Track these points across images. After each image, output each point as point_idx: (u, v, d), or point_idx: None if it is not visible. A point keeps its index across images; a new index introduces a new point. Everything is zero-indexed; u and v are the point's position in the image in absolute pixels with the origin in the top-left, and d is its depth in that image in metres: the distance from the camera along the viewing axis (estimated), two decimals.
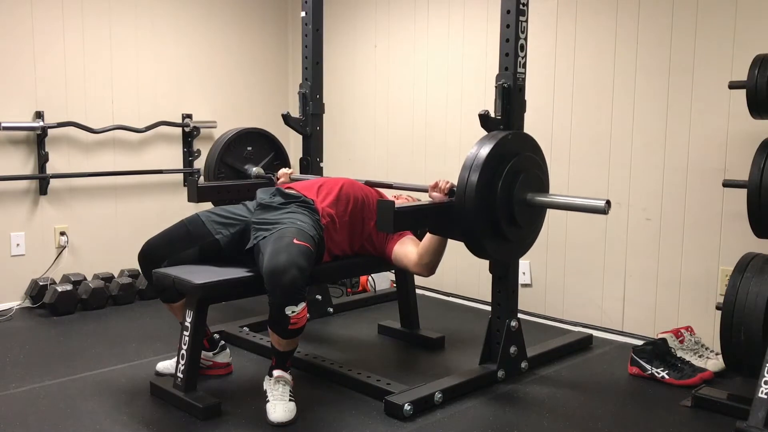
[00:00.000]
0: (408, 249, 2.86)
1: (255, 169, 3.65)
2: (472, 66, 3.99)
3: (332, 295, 3.98)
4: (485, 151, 2.49)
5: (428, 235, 2.72)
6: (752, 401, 2.32)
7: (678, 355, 2.95)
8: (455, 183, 2.57)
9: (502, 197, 2.52)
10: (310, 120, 3.64)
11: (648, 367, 2.91)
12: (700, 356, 2.98)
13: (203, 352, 2.82)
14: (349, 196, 2.91)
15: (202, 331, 2.65)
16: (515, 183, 2.55)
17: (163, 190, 4.45)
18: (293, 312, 2.38)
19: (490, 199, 2.50)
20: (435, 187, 2.69)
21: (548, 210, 3.66)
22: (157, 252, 2.76)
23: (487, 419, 2.53)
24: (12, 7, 3.79)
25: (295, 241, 2.52)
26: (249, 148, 3.69)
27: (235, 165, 3.63)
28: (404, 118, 4.37)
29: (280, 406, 2.46)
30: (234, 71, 4.75)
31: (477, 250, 2.59)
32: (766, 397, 2.30)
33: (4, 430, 2.39)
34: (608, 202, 2.41)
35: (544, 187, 2.71)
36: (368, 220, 2.93)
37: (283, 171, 3.45)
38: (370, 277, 4.31)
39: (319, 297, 3.78)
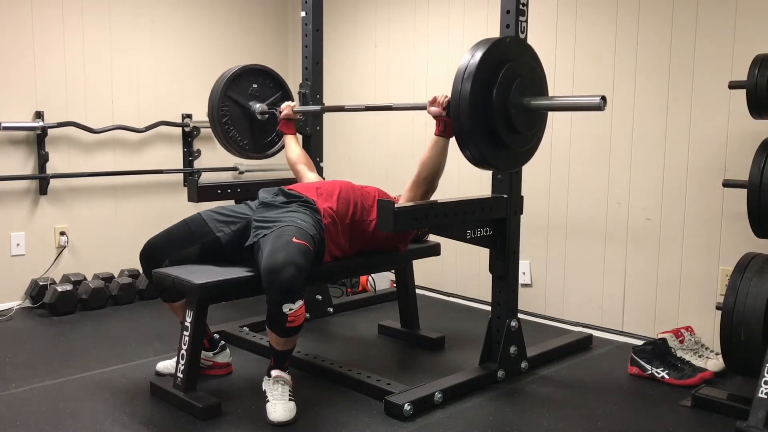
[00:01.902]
0: (406, 187, 2.82)
1: (259, 106, 3.59)
2: None
3: (332, 295, 3.99)
4: (478, 56, 2.39)
5: (427, 149, 2.72)
6: (752, 401, 2.33)
7: (678, 355, 2.95)
8: None
9: (498, 103, 2.42)
10: (310, 120, 3.64)
11: (648, 367, 2.91)
12: (700, 356, 2.98)
13: (203, 352, 2.83)
14: (349, 199, 2.91)
15: (202, 331, 2.65)
16: (511, 88, 2.44)
17: (163, 190, 4.45)
18: (290, 310, 2.38)
19: (485, 106, 2.40)
20: (433, 102, 2.68)
21: (548, 210, 3.69)
22: (159, 251, 2.76)
23: (487, 419, 2.53)
24: (12, 7, 3.80)
25: (294, 239, 2.52)
26: (254, 86, 3.62)
27: (239, 100, 3.56)
28: (404, 118, 4.37)
29: (280, 406, 2.46)
30: None
31: (477, 159, 2.49)
32: (766, 397, 2.30)
33: (4, 430, 2.39)
34: (603, 98, 2.30)
35: (542, 91, 2.60)
36: (369, 222, 2.93)
37: (286, 104, 3.46)
38: (370, 277, 4.31)
39: (319, 297, 3.78)
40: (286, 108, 3.45)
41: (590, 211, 3.54)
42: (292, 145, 3.44)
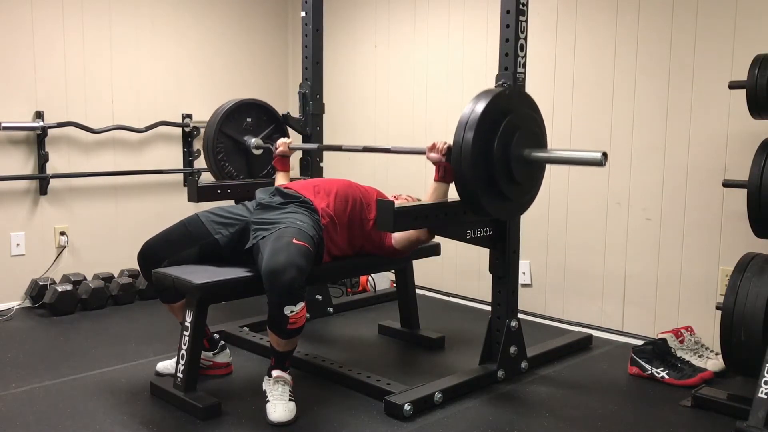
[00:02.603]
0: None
1: (254, 140, 3.62)
2: (472, 66, 3.99)
3: (332, 295, 3.98)
4: (480, 107, 2.44)
5: (428, 193, 2.71)
6: (752, 401, 2.33)
7: (678, 355, 2.95)
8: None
9: (499, 155, 2.46)
10: (310, 120, 3.64)
11: (648, 367, 2.91)
12: (700, 356, 2.98)
13: (203, 352, 2.83)
14: (347, 197, 2.90)
15: (202, 331, 2.65)
16: (512, 139, 2.48)
17: (163, 190, 4.45)
18: (292, 312, 2.38)
19: (486, 157, 2.45)
20: (432, 148, 2.68)
21: (548, 210, 3.68)
22: (157, 252, 2.76)
23: (487, 419, 2.53)
24: (12, 7, 3.79)
25: (294, 241, 2.52)
26: (249, 120, 3.66)
27: (234, 136, 3.59)
28: (404, 118, 4.37)
29: (280, 406, 2.46)
30: (234, 71, 4.75)
31: (476, 209, 2.54)
32: (766, 397, 2.30)
33: (4, 430, 2.39)
34: (605, 154, 2.36)
35: (541, 143, 2.65)
36: (367, 221, 2.93)
37: (282, 140, 3.43)
38: (370, 277, 4.31)
39: (319, 297, 3.78)
40: (281, 145, 3.40)
41: (590, 211, 3.54)
42: (283, 183, 3.36)
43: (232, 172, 3.60)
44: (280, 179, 3.37)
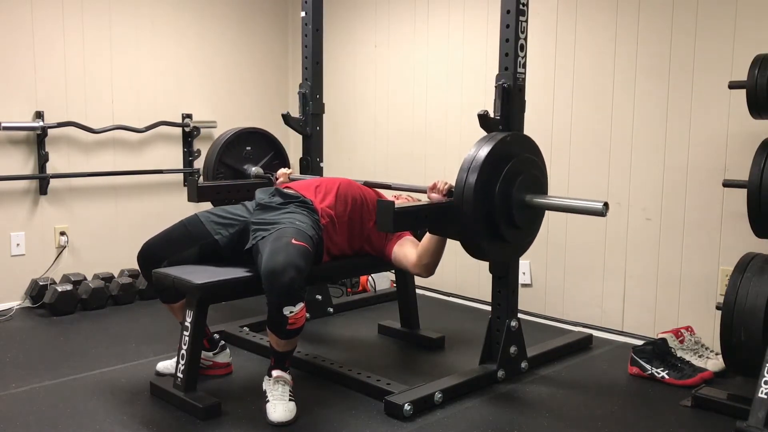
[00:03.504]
0: (407, 250, 2.86)
1: (254, 169, 3.66)
2: (472, 66, 3.99)
3: (332, 295, 3.98)
4: (484, 152, 2.49)
5: (427, 236, 2.72)
6: (752, 401, 2.33)
7: (678, 355, 2.95)
8: (453, 184, 2.56)
9: (501, 199, 2.52)
10: (310, 120, 3.64)
11: (648, 367, 2.91)
12: (700, 356, 2.98)
13: (203, 352, 2.82)
14: (348, 197, 2.90)
15: (202, 331, 2.65)
16: (514, 184, 2.54)
17: (163, 190, 4.45)
18: (291, 312, 2.38)
19: (488, 200, 2.50)
20: (433, 188, 2.69)
21: (548, 211, 3.68)
22: (156, 252, 2.76)
23: (487, 419, 2.53)
24: (12, 7, 3.79)
25: (293, 241, 2.52)
26: (248, 148, 3.69)
27: (235, 165, 3.63)
28: (404, 118, 4.37)
29: (280, 406, 2.46)
30: (234, 71, 4.75)
31: (475, 251, 2.59)
32: (766, 397, 2.30)
33: (4, 430, 2.39)
34: (606, 204, 2.41)
35: (543, 189, 2.70)
36: (367, 221, 2.93)
37: (282, 171, 3.44)
38: (370, 277, 4.31)
39: (319, 297, 3.78)
40: (282, 176, 3.40)
41: None
42: None
43: (232, 201, 3.61)
44: None
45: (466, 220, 2.48)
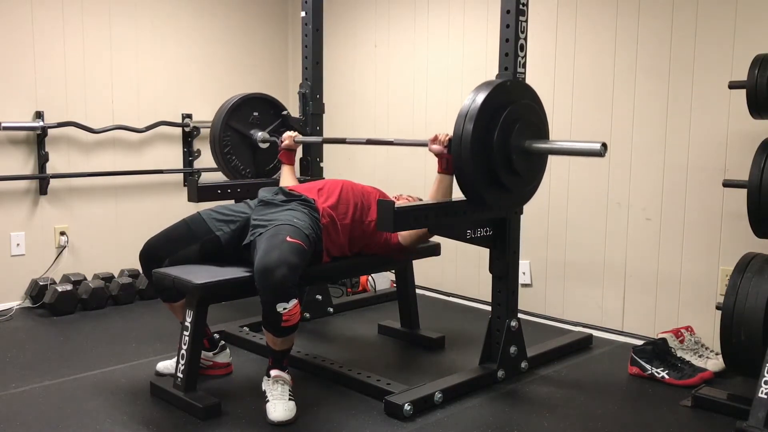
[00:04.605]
0: None
1: (260, 134, 3.62)
2: (472, 66, 3.99)
3: (332, 295, 3.98)
4: (480, 99, 2.44)
5: (432, 187, 2.71)
6: (752, 401, 2.33)
7: (678, 355, 2.95)
8: None
9: (499, 146, 2.46)
10: (310, 120, 3.64)
11: (648, 367, 2.91)
12: (700, 356, 2.98)
13: (203, 352, 2.83)
14: (350, 199, 2.90)
15: (202, 331, 2.65)
16: (512, 131, 2.48)
17: (163, 190, 4.45)
18: (285, 309, 2.38)
19: (486, 148, 2.45)
20: (434, 140, 2.69)
21: (548, 210, 3.68)
22: (158, 250, 2.76)
23: (487, 419, 2.53)
24: (12, 8, 3.79)
25: (288, 238, 2.53)
26: (255, 114, 3.66)
27: (241, 129, 3.59)
28: (404, 118, 4.37)
29: (280, 406, 2.46)
30: (234, 71, 4.74)
31: (475, 201, 2.54)
32: (766, 397, 2.30)
33: (4, 430, 2.39)
34: (604, 145, 2.35)
35: (542, 135, 2.64)
36: (368, 222, 2.93)
37: (287, 134, 3.44)
38: (370, 277, 4.31)
39: (319, 297, 3.78)
40: (287, 138, 3.41)
41: (590, 211, 3.54)
42: (288, 177, 3.37)
43: (238, 165, 3.60)
44: (286, 173, 3.39)
45: (464, 170, 2.44)
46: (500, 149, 2.47)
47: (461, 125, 2.44)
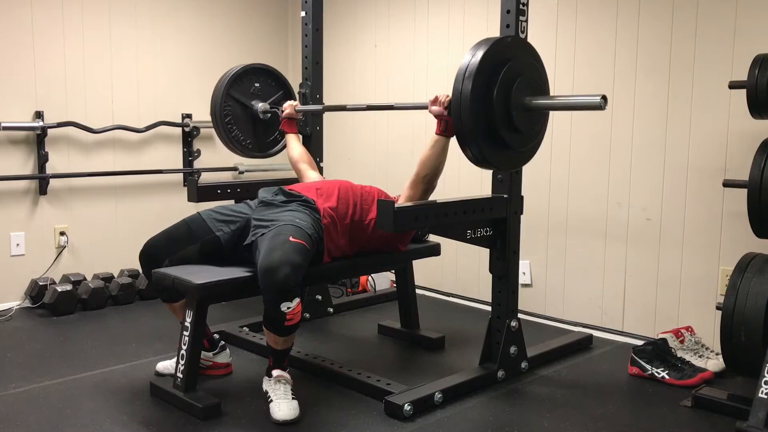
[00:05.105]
0: (405, 187, 2.81)
1: (261, 105, 3.61)
2: None
3: (332, 295, 3.98)
4: (479, 55, 2.39)
5: (427, 147, 2.71)
6: (752, 401, 2.33)
7: (678, 355, 2.95)
8: None
9: (499, 102, 2.42)
10: (310, 120, 3.64)
11: (648, 367, 2.91)
12: (700, 356, 2.98)
13: (203, 352, 2.83)
14: (349, 199, 2.90)
15: (202, 331, 2.65)
16: (512, 87, 2.44)
17: (163, 190, 4.45)
18: (288, 308, 2.38)
19: (486, 104, 2.41)
20: (435, 101, 2.68)
21: (548, 210, 3.69)
22: (158, 250, 2.76)
23: (487, 419, 2.53)
24: (12, 8, 3.79)
25: (291, 238, 2.53)
26: (256, 85, 3.64)
27: (242, 99, 3.58)
28: (404, 118, 4.37)
29: (284, 405, 2.47)
30: None
31: (478, 158, 2.49)
32: (766, 397, 2.30)
33: (4, 430, 2.39)
34: (604, 97, 2.31)
35: (543, 91, 2.60)
36: (369, 221, 2.92)
37: (288, 103, 3.46)
38: (370, 277, 4.31)
39: (319, 297, 3.78)
40: (288, 107, 3.45)
41: (590, 211, 3.54)
42: (294, 144, 3.44)
43: (239, 136, 3.59)
44: (292, 140, 3.43)
45: (464, 127, 2.40)
46: (500, 106, 2.42)
47: (460, 82, 2.38)
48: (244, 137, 3.60)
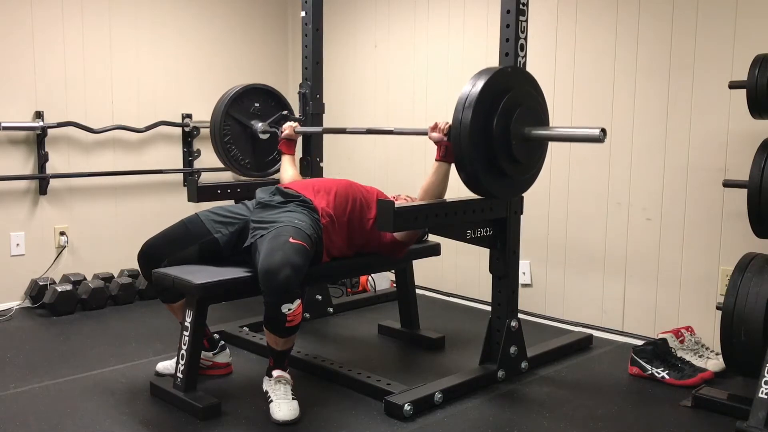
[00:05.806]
0: None
1: (261, 125, 3.63)
2: (472, 66, 3.98)
3: (332, 295, 3.98)
4: (480, 84, 2.43)
5: (429, 175, 2.72)
6: (752, 401, 2.33)
7: (678, 355, 2.95)
8: None
9: (499, 132, 2.45)
10: (310, 120, 3.64)
11: (648, 367, 2.91)
12: (700, 356, 2.98)
13: (203, 352, 2.83)
14: (347, 197, 2.90)
15: (202, 331, 2.65)
16: (511, 117, 2.47)
17: (163, 190, 4.45)
18: (289, 309, 2.38)
19: (486, 134, 2.44)
20: (434, 128, 2.69)
21: (548, 210, 3.68)
22: (157, 252, 2.76)
23: (487, 419, 2.53)
24: (12, 8, 3.79)
25: (291, 240, 2.52)
26: (256, 104, 3.67)
27: (242, 119, 3.60)
28: (404, 118, 4.37)
29: (285, 405, 2.47)
30: (234, 71, 4.74)
31: (476, 188, 2.54)
32: (766, 397, 2.30)
33: (4, 430, 2.39)
34: (603, 130, 2.34)
35: (542, 121, 2.63)
36: (367, 221, 2.92)
37: (288, 124, 3.46)
38: (370, 277, 4.31)
39: (319, 297, 3.78)
40: (287, 128, 3.44)
41: (590, 211, 3.54)
42: (288, 167, 3.40)
43: (238, 155, 3.60)
44: (286, 163, 3.41)
45: (464, 157, 2.43)
46: (500, 136, 2.46)
47: (460, 111, 2.42)
48: (243, 156, 3.63)
